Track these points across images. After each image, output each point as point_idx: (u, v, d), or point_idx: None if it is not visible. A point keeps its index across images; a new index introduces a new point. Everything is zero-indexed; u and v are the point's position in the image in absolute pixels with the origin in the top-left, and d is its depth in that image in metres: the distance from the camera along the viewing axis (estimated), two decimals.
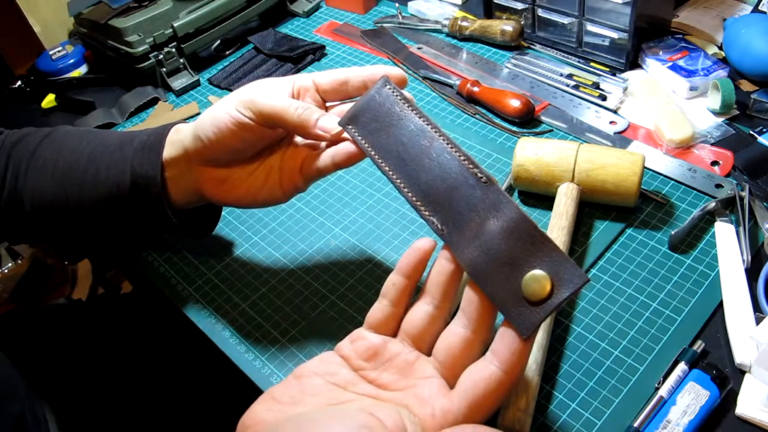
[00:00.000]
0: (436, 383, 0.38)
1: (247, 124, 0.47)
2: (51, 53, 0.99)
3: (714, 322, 0.52)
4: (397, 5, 0.98)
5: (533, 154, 0.61)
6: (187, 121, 0.79)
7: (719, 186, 0.62)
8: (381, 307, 0.42)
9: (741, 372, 0.48)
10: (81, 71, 0.99)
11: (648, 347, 0.51)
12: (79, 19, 0.94)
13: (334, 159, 0.48)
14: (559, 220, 0.57)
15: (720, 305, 0.53)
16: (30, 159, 0.55)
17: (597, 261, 0.58)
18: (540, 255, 0.36)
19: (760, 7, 0.80)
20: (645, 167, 0.59)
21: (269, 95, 0.47)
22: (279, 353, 0.55)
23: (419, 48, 0.88)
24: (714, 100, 0.70)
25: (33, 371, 0.66)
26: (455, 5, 0.95)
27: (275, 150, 0.52)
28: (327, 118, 0.47)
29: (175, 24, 0.87)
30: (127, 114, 0.87)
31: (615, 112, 0.73)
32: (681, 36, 0.79)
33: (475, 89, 0.76)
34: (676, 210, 0.61)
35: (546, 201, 0.63)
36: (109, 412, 0.71)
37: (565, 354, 0.52)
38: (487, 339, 0.38)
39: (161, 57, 0.87)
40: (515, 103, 0.72)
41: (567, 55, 0.82)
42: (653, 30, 0.79)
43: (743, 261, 0.54)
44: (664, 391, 0.46)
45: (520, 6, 0.85)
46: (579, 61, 0.81)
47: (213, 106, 0.50)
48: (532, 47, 0.85)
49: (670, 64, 0.74)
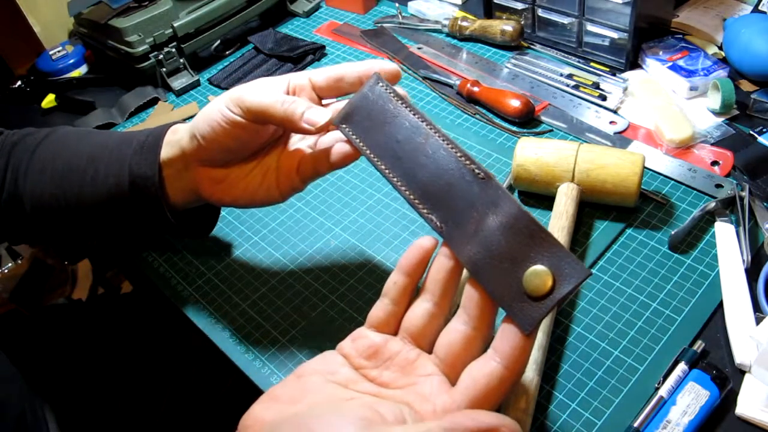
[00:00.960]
0: (437, 380, 0.38)
1: (238, 121, 0.47)
2: (51, 53, 0.99)
3: (714, 322, 0.52)
4: (397, 5, 0.98)
5: (533, 154, 0.61)
6: (186, 121, 0.79)
7: (719, 186, 0.62)
8: (382, 306, 0.42)
9: (741, 372, 0.48)
10: (81, 71, 0.99)
11: (648, 347, 0.51)
12: (79, 19, 0.94)
13: (330, 159, 0.48)
14: (559, 220, 0.57)
15: (720, 305, 0.53)
16: (30, 159, 0.55)
17: (597, 261, 0.58)
18: (540, 250, 0.36)
19: (760, 7, 0.80)
20: (645, 167, 0.59)
21: (258, 92, 0.47)
22: (279, 353, 0.55)
23: (419, 48, 0.88)
24: (714, 100, 0.70)
25: (33, 371, 0.66)
26: (455, 5, 0.95)
27: (272, 150, 0.52)
28: (314, 110, 0.46)
29: (175, 24, 0.87)
30: (127, 114, 0.87)
31: (615, 112, 0.73)
32: (681, 36, 0.79)
33: (475, 89, 0.76)
34: (676, 210, 0.61)
35: (546, 201, 0.63)
36: (109, 412, 0.71)
37: (565, 354, 0.52)
38: (489, 336, 0.38)
39: (161, 57, 0.87)
40: (515, 103, 0.72)
41: (567, 55, 0.82)
42: (653, 30, 0.79)
43: (743, 261, 0.54)
44: (664, 391, 0.46)
45: (520, 6, 0.85)
46: (579, 61, 0.81)
47: (207, 105, 0.50)
48: (532, 47, 0.85)
49: (670, 64, 0.74)
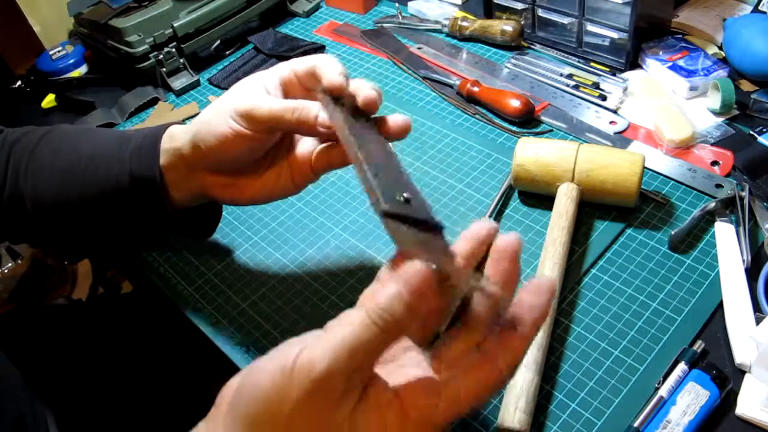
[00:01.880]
0: (426, 365, 0.36)
1: (248, 134, 0.47)
2: (51, 53, 0.99)
3: (714, 322, 0.52)
4: (397, 5, 0.98)
5: (533, 154, 0.61)
6: (184, 122, 0.79)
7: (719, 186, 0.62)
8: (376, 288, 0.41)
9: (741, 372, 0.48)
10: (81, 71, 0.99)
11: (648, 347, 0.51)
12: (79, 19, 0.94)
13: (342, 155, 0.48)
14: (559, 220, 0.57)
15: (720, 305, 0.53)
16: (29, 158, 0.55)
17: (597, 261, 0.58)
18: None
19: (760, 7, 0.80)
20: (645, 167, 0.59)
21: (262, 100, 0.47)
22: None
23: (419, 48, 0.88)
24: (714, 100, 0.70)
25: (33, 371, 0.66)
26: (455, 5, 0.95)
27: (281, 149, 0.52)
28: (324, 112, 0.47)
29: (175, 24, 0.87)
30: (127, 114, 0.87)
31: (615, 112, 0.73)
32: (681, 36, 0.79)
33: (475, 89, 0.76)
34: (676, 210, 0.61)
35: (546, 201, 0.63)
36: (109, 412, 0.71)
37: (565, 354, 0.52)
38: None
39: (161, 57, 0.87)
40: (515, 103, 0.72)
41: (567, 55, 0.82)
42: (653, 30, 0.79)
43: (743, 261, 0.54)
44: (664, 391, 0.46)
45: (520, 6, 0.85)
46: (579, 61, 0.81)
47: (208, 112, 0.49)
48: (532, 47, 0.85)
49: (670, 64, 0.74)
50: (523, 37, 0.85)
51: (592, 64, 0.80)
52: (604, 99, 0.74)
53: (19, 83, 0.97)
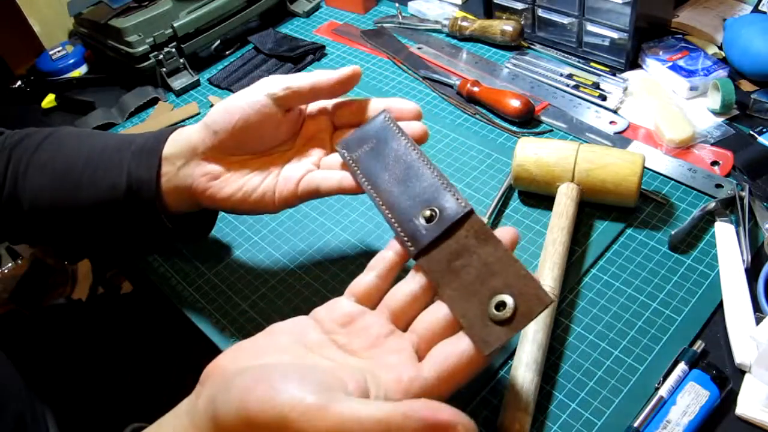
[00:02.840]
0: (406, 354, 0.38)
1: (270, 109, 0.49)
2: (51, 53, 0.99)
3: (714, 322, 0.52)
4: (397, 5, 0.98)
5: (533, 154, 0.61)
6: (185, 124, 0.79)
7: (719, 186, 0.62)
8: (366, 278, 0.42)
9: (741, 372, 0.48)
10: (81, 71, 0.99)
11: (648, 347, 0.51)
12: (79, 19, 0.94)
13: (341, 183, 0.49)
14: (559, 220, 0.57)
15: (720, 305, 0.53)
16: (30, 160, 0.55)
17: (597, 261, 0.58)
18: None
19: (760, 7, 0.80)
20: (645, 167, 0.59)
21: (295, 78, 0.50)
22: None
23: (419, 48, 0.88)
24: (714, 100, 0.70)
25: (33, 371, 0.66)
26: (455, 5, 0.95)
27: (279, 157, 0.53)
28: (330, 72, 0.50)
29: (175, 24, 0.87)
30: (127, 114, 0.87)
31: (615, 112, 0.73)
32: (681, 36, 0.79)
33: (475, 89, 0.76)
34: (676, 210, 0.61)
35: (546, 201, 0.63)
36: (109, 411, 0.71)
37: (565, 354, 0.52)
38: None
39: (161, 57, 0.87)
40: (515, 103, 0.72)
41: (567, 55, 0.82)
42: (653, 30, 0.79)
43: (743, 261, 0.54)
44: (664, 391, 0.46)
45: (520, 6, 0.85)
46: (579, 61, 0.81)
47: (231, 98, 0.51)
48: (532, 47, 0.85)
49: (670, 64, 0.74)
50: (523, 37, 0.85)
51: (592, 64, 0.80)
52: (604, 99, 0.74)
53: (19, 83, 0.97)
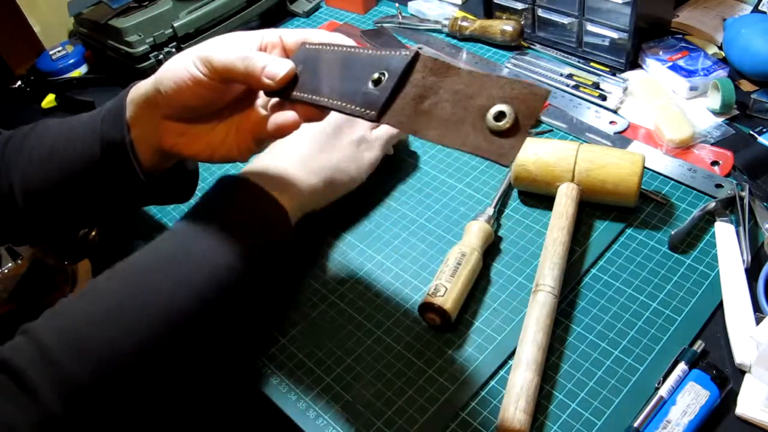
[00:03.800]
0: None
1: (203, 81, 0.47)
2: (51, 53, 0.99)
3: (714, 322, 0.52)
4: (397, 5, 0.98)
5: (533, 154, 0.61)
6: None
7: (719, 186, 0.62)
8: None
9: (741, 372, 0.48)
10: (81, 71, 0.99)
11: (648, 347, 0.51)
12: (79, 19, 0.94)
13: (269, 128, 0.47)
14: (559, 220, 0.57)
15: (720, 305, 0.53)
16: (18, 153, 0.56)
17: (597, 261, 0.58)
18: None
19: (760, 7, 0.80)
20: (645, 167, 0.59)
21: (226, 50, 0.46)
22: (279, 353, 0.55)
23: (419, 48, 0.88)
24: (714, 100, 0.70)
25: None
26: (455, 5, 0.95)
27: (236, 110, 0.52)
28: (274, 63, 0.46)
29: (175, 24, 0.87)
30: None
31: (615, 112, 0.73)
32: (681, 36, 0.79)
33: None
34: (676, 210, 0.61)
35: (546, 201, 0.63)
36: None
37: (565, 354, 0.52)
38: None
39: (161, 57, 0.87)
40: None
41: (567, 55, 0.82)
42: (653, 30, 0.79)
43: (743, 261, 0.54)
44: (664, 391, 0.46)
45: (520, 6, 0.85)
46: (579, 61, 0.81)
47: (173, 57, 0.49)
48: (532, 47, 0.85)
49: (670, 64, 0.74)
50: (523, 37, 0.85)
51: (592, 64, 0.80)
52: (604, 99, 0.74)
53: (19, 83, 0.97)
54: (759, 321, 0.50)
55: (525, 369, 0.47)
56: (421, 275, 0.59)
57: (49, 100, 0.93)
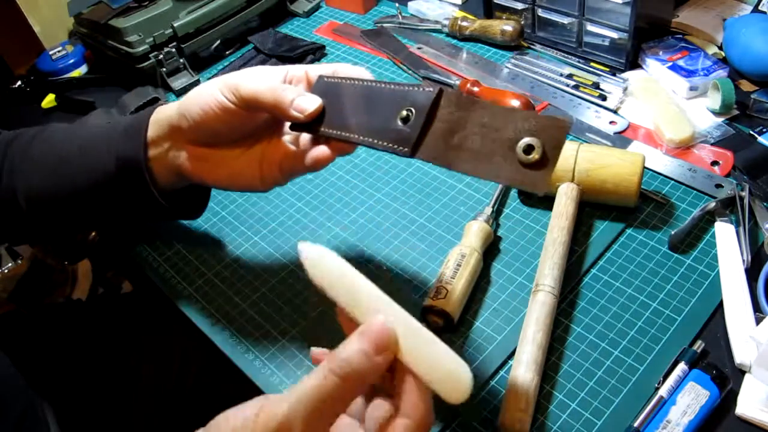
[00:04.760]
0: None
1: (230, 108, 0.48)
2: (51, 53, 0.99)
3: (714, 322, 0.52)
4: (397, 5, 0.98)
5: None
6: (168, 101, 0.79)
7: (719, 186, 0.62)
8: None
9: (741, 372, 0.48)
10: (81, 71, 0.99)
11: (648, 347, 0.51)
12: (79, 19, 0.94)
13: (307, 161, 0.48)
14: (559, 220, 0.57)
15: (720, 305, 0.53)
16: (23, 156, 0.56)
17: (597, 261, 0.58)
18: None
19: (760, 7, 0.80)
20: (645, 167, 0.59)
21: (254, 80, 0.47)
22: (279, 353, 0.55)
23: (419, 48, 0.88)
24: (714, 100, 0.70)
25: (33, 371, 0.66)
26: (455, 5, 0.95)
27: (261, 139, 0.52)
28: (303, 98, 0.47)
29: (175, 24, 0.87)
30: (128, 114, 0.87)
31: (615, 112, 0.73)
32: (681, 36, 0.79)
33: (475, 89, 0.76)
34: (676, 210, 0.61)
35: (546, 201, 0.63)
36: (109, 411, 0.71)
37: (565, 354, 0.52)
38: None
39: (161, 57, 0.87)
40: (515, 103, 0.72)
41: (567, 55, 0.82)
42: (653, 30, 0.79)
43: (743, 261, 0.54)
44: (664, 391, 0.46)
45: (520, 6, 0.85)
46: (579, 61, 0.81)
47: (201, 86, 0.50)
48: (532, 47, 0.85)
49: (670, 64, 0.74)
50: (523, 37, 0.85)
51: (592, 64, 0.80)
52: (604, 99, 0.74)
53: (19, 83, 0.97)
54: (759, 321, 0.50)
55: (525, 369, 0.47)
56: (422, 275, 0.59)
57: (49, 100, 0.93)
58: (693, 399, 0.45)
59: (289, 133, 0.52)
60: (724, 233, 0.57)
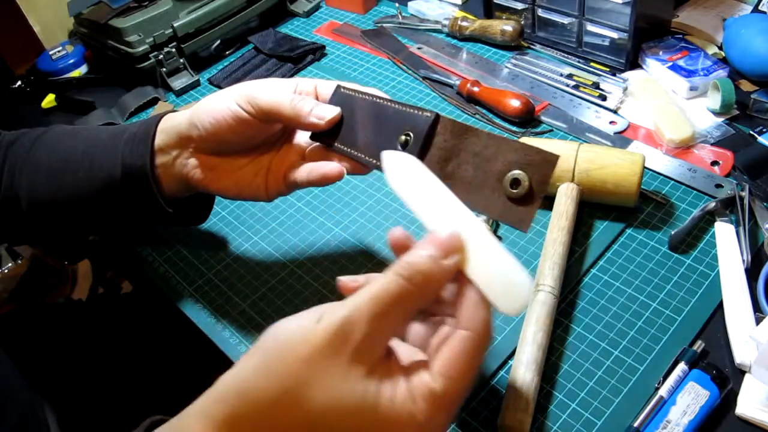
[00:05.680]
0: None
1: (245, 118, 0.48)
2: (51, 53, 0.99)
3: (714, 322, 0.52)
4: (397, 5, 0.98)
5: None
6: (176, 109, 0.79)
7: (719, 186, 0.62)
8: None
9: (741, 372, 0.48)
10: (81, 71, 0.99)
11: (648, 347, 0.51)
12: (79, 19, 0.94)
13: (309, 175, 0.49)
14: (559, 220, 0.57)
15: (720, 305, 0.53)
16: (25, 158, 0.56)
17: (597, 261, 0.58)
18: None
19: (760, 7, 0.80)
20: (645, 167, 0.59)
21: (270, 91, 0.48)
22: None
23: (419, 48, 0.88)
24: (714, 100, 0.70)
25: (33, 371, 0.66)
26: (455, 5, 0.95)
27: (269, 150, 0.53)
28: (322, 106, 0.48)
29: (175, 24, 0.87)
30: (127, 114, 0.87)
31: (615, 112, 0.73)
32: (681, 36, 0.79)
33: (475, 89, 0.76)
34: (676, 210, 0.61)
35: (546, 201, 0.63)
36: (110, 411, 0.71)
37: (565, 354, 0.52)
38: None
39: (161, 57, 0.87)
40: (515, 103, 0.72)
41: (567, 55, 0.82)
42: (653, 30, 0.79)
43: (743, 261, 0.54)
44: (664, 391, 0.46)
45: (520, 6, 0.85)
46: (579, 61, 0.81)
47: (212, 96, 0.50)
48: (532, 47, 0.85)
49: (670, 64, 0.74)
50: (523, 37, 0.85)
51: (592, 64, 0.80)
52: (604, 99, 0.74)
53: (19, 83, 0.97)
54: (759, 321, 0.50)
55: (525, 369, 0.47)
56: None
57: (49, 100, 0.93)
58: (693, 399, 0.45)
59: (297, 145, 0.52)
60: (724, 233, 0.57)
